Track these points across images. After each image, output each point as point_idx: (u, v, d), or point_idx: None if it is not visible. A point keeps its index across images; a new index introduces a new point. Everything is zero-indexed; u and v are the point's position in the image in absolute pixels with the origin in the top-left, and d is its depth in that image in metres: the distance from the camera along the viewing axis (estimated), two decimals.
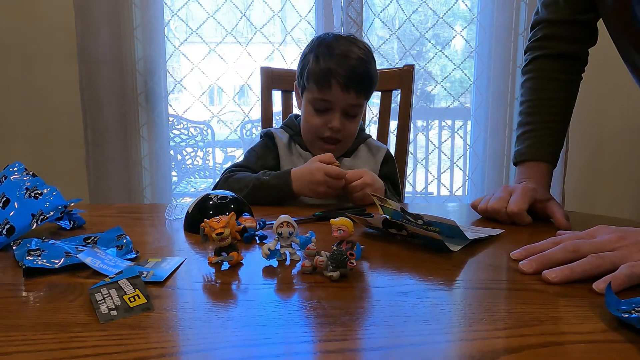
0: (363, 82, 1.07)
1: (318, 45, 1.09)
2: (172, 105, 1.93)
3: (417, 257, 0.65)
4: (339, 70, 1.03)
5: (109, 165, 1.84)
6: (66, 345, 0.41)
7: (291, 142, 1.17)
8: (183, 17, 1.89)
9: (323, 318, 0.47)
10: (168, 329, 0.45)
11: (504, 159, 2.09)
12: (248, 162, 1.14)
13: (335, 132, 1.07)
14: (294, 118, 1.21)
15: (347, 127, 1.08)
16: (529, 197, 0.86)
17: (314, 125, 1.09)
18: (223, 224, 0.59)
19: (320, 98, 1.06)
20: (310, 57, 1.08)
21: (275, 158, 1.15)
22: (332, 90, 1.05)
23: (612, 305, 0.46)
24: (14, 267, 0.60)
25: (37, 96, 1.88)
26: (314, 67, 1.06)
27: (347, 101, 1.06)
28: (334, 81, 1.04)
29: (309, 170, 0.98)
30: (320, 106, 1.07)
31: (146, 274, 0.56)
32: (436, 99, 2.20)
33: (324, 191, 0.97)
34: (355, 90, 1.05)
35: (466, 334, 0.44)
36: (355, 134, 1.14)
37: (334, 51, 1.05)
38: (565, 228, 0.82)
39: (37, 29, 1.83)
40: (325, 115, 1.07)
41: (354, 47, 1.07)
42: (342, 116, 1.07)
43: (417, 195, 2.18)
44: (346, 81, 1.03)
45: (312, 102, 1.08)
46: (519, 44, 1.99)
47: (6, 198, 0.72)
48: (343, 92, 1.04)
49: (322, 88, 1.05)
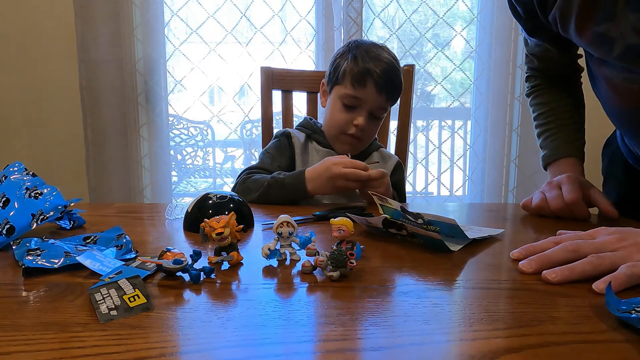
0: (395, 87, 1.14)
1: (356, 47, 1.14)
2: (172, 105, 1.93)
3: (417, 257, 0.65)
4: (377, 71, 1.09)
5: (109, 165, 1.84)
6: (66, 345, 0.41)
7: (308, 140, 1.20)
8: (183, 17, 1.89)
9: (323, 318, 0.47)
10: (168, 328, 0.45)
11: (504, 159, 2.10)
12: (263, 163, 1.16)
13: (360, 130, 1.11)
14: (309, 119, 1.25)
15: (369, 127, 1.14)
16: (578, 184, 0.89)
17: (340, 120, 1.13)
18: (223, 223, 0.59)
19: (352, 95, 1.10)
20: (349, 56, 1.13)
21: (290, 158, 1.17)
22: (366, 89, 1.09)
23: (612, 305, 0.46)
24: (14, 266, 0.60)
25: (37, 96, 1.88)
26: (352, 66, 1.11)
27: (377, 103, 1.11)
28: (370, 81, 1.09)
29: (325, 167, 1.00)
30: (351, 102, 1.11)
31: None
32: (436, 99, 2.20)
33: (343, 184, 0.99)
34: (387, 93, 1.11)
35: (466, 334, 0.44)
36: (374, 136, 1.20)
37: (372, 54, 1.11)
38: (612, 215, 0.85)
39: (37, 29, 1.83)
40: (352, 113, 1.12)
41: (389, 56, 1.13)
42: (368, 116, 1.12)
43: (417, 195, 2.18)
44: (383, 83, 1.09)
45: (342, 98, 1.12)
46: (519, 44, 1.99)
47: (6, 198, 0.72)
48: (376, 93, 1.10)
49: (357, 86, 1.10)
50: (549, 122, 1.04)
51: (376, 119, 1.15)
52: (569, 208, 0.87)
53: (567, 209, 0.88)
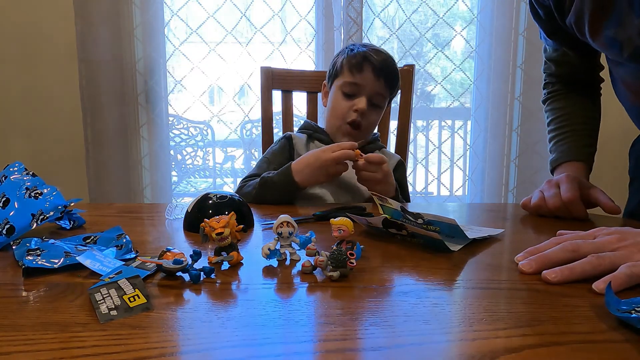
0: (393, 73, 1.17)
1: (353, 45, 1.20)
2: (172, 105, 1.93)
3: (417, 257, 0.65)
4: (374, 56, 1.13)
5: (109, 165, 1.84)
6: (66, 345, 0.41)
7: (309, 140, 1.21)
8: (183, 16, 1.89)
9: (323, 318, 0.47)
10: (168, 328, 0.45)
11: (504, 159, 2.10)
12: (260, 169, 1.16)
13: (360, 114, 1.13)
14: (308, 121, 1.27)
15: (370, 115, 1.16)
16: (577, 183, 0.89)
17: (341, 108, 1.15)
18: (223, 223, 0.59)
19: (351, 82, 1.14)
20: (346, 51, 1.18)
21: (288, 158, 1.17)
22: (364, 74, 1.13)
23: (612, 305, 0.46)
24: (14, 266, 0.60)
25: (37, 96, 1.88)
26: (349, 57, 1.15)
27: (376, 88, 1.14)
28: (367, 65, 1.13)
29: (315, 156, 1.00)
30: (350, 90, 1.14)
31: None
32: (436, 99, 2.20)
33: (335, 170, 1.00)
34: (385, 78, 1.14)
35: (466, 334, 0.44)
36: (375, 126, 1.21)
37: (369, 46, 1.17)
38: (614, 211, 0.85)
39: (37, 28, 1.83)
40: (352, 100, 1.15)
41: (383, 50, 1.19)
42: (367, 102, 1.14)
43: (417, 195, 2.18)
44: (380, 67, 1.13)
45: (342, 87, 1.16)
46: (519, 44, 1.99)
47: (6, 198, 0.72)
48: (374, 78, 1.13)
49: (355, 72, 1.13)
50: (562, 127, 1.04)
51: (376, 108, 1.16)
52: (566, 207, 0.87)
53: (564, 207, 0.88)
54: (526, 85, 1.99)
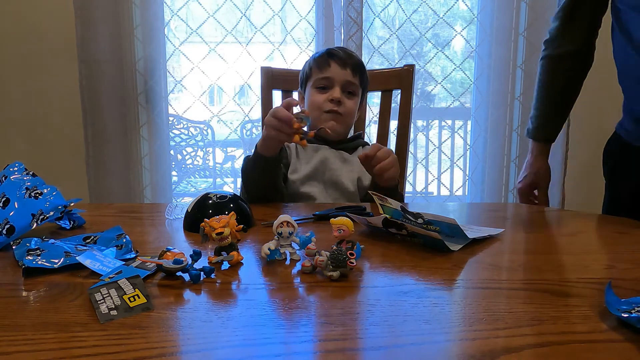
0: (356, 63, 1.24)
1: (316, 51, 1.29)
2: (172, 105, 1.93)
3: (417, 257, 0.65)
4: (336, 52, 1.23)
5: (109, 165, 1.83)
6: (66, 345, 0.41)
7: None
8: (183, 16, 1.89)
9: (323, 318, 0.47)
10: (168, 328, 0.45)
11: (504, 158, 2.09)
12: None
13: (336, 103, 1.19)
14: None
15: (346, 102, 1.21)
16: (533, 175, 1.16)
17: (318, 101, 1.21)
18: (223, 223, 0.59)
19: (322, 77, 1.21)
20: (310, 57, 1.27)
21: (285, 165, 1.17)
22: (331, 68, 1.21)
23: (612, 305, 0.46)
24: (14, 266, 0.60)
25: (37, 96, 1.87)
26: (314, 59, 1.25)
27: (345, 77, 1.21)
28: (332, 60, 1.21)
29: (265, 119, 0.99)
30: (322, 84, 1.21)
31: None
32: (436, 99, 2.20)
33: (274, 135, 0.96)
34: (351, 68, 1.21)
35: (466, 333, 0.44)
36: (354, 113, 1.24)
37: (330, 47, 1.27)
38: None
39: (37, 29, 1.83)
40: (326, 92, 1.21)
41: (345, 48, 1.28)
42: (341, 91, 1.21)
43: (417, 195, 2.18)
44: (344, 57, 1.22)
45: (315, 84, 1.22)
46: (519, 44, 1.98)
47: (6, 198, 0.72)
48: (341, 69, 1.20)
49: (322, 68, 1.22)
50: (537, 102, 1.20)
51: (351, 95, 1.22)
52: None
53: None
54: (526, 85, 1.99)
